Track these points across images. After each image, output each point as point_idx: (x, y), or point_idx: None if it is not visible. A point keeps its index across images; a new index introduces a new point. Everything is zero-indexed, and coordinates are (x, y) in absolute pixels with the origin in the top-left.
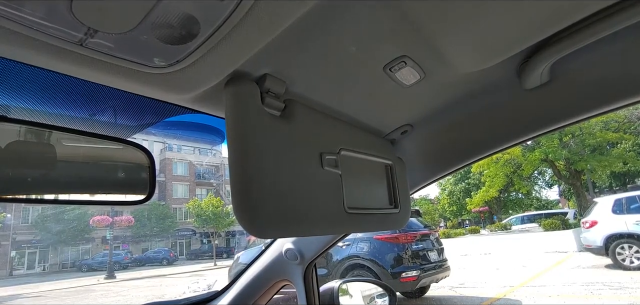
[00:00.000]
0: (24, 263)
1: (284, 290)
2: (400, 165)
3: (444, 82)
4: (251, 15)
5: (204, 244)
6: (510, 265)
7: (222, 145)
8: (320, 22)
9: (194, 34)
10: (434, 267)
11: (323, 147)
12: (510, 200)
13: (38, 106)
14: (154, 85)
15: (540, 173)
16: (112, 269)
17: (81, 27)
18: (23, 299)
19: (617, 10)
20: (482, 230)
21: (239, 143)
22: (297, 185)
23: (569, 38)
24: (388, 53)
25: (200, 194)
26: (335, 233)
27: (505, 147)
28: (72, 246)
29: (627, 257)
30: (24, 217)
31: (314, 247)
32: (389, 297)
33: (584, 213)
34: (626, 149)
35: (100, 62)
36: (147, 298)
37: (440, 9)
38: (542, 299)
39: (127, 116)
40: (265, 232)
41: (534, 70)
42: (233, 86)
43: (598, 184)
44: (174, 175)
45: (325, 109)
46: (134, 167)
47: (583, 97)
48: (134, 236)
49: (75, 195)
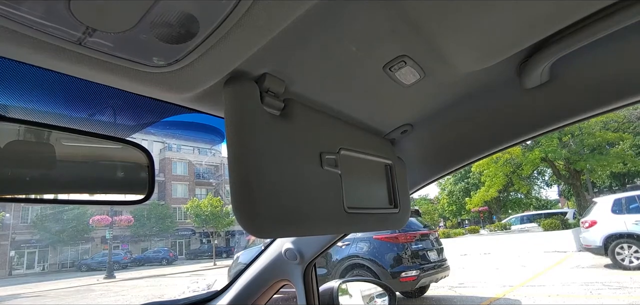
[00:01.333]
0: (23, 263)
1: (284, 290)
2: (400, 165)
3: (444, 82)
4: (250, 14)
5: (204, 243)
6: (509, 265)
7: (222, 144)
8: (320, 22)
9: (193, 33)
10: (434, 267)
11: (323, 147)
12: (509, 200)
13: (37, 106)
14: (153, 84)
15: (540, 173)
16: (112, 269)
17: (80, 26)
18: (22, 299)
19: (617, 10)
20: (481, 230)
21: (239, 142)
22: (296, 184)
23: (569, 38)
24: (388, 52)
25: (200, 194)
26: (335, 233)
27: (505, 147)
28: (72, 246)
29: (627, 257)
30: (23, 217)
31: (314, 247)
32: (389, 297)
33: (584, 213)
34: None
35: (99, 61)
36: (146, 298)
37: (440, 9)
38: (542, 299)
39: (126, 116)
40: (264, 232)
41: (534, 69)
42: (232, 85)
43: (597, 183)
44: (173, 174)
45: (325, 109)
46: (133, 167)
47: (583, 97)
48: (133, 236)
49: (75, 194)
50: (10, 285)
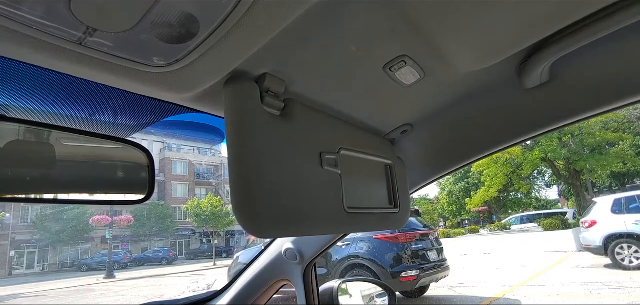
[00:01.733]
0: (23, 263)
1: (284, 290)
2: (400, 165)
3: (444, 82)
4: (251, 14)
5: (204, 243)
6: (509, 265)
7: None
8: (320, 22)
9: (193, 33)
10: (434, 267)
11: (323, 147)
12: (509, 200)
13: (37, 106)
14: (154, 84)
15: (540, 173)
16: (112, 269)
17: (80, 26)
18: (22, 299)
19: (617, 10)
20: (481, 230)
21: (239, 142)
22: (296, 184)
23: (569, 38)
24: (388, 52)
25: (200, 194)
26: (335, 233)
27: (505, 147)
28: (72, 246)
29: (626, 257)
30: (23, 217)
31: (314, 246)
32: (389, 297)
33: (583, 213)
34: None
35: (100, 61)
36: (146, 298)
37: (440, 9)
38: (542, 299)
39: (127, 116)
40: (264, 232)
41: (534, 69)
42: (232, 85)
43: (597, 184)
44: (173, 174)
45: (325, 109)
46: (134, 167)
47: (583, 97)
48: (133, 236)
49: (75, 194)
50: (10, 285)
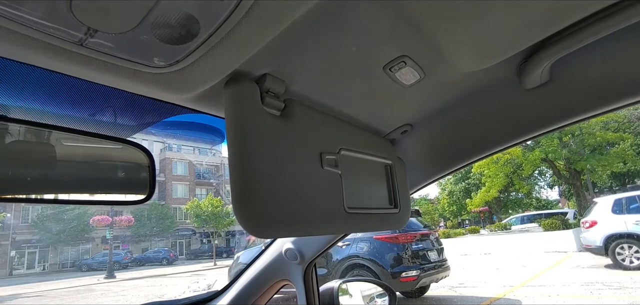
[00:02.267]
0: (24, 263)
1: (284, 290)
2: (400, 165)
3: (444, 82)
4: (251, 15)
5: (204, 243)
6: (510, 265)
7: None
8: (320, 22)
9: (193, 33)
10: (434, 267)
11: (323, 147)
12: (510, 200)
13: (38, 106)
14: (154, 85)
15: (541, 173)
16: (112, 269)
17: (81, 26)
18: (23, 299)
19: (617, 10)
20: (481, 230)
21: (239, 143)
22: (297, 185)
23: (569, 38)
24: (388, 53)
25: (200, 194)
26: (335, 233)
27: (505, 147)
28: (72, 246)
29: (627, 257)
30: (23, 217)
31: (314, 246)
32: (389, 297)
33: (584, 213)
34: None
35: (100, 61)
36: (147, 298)
37: (440, 9)
38: (542, 299)
39: (127, 116)
40: (265, 232)
41: (534, 70)
42: (233, 86)
43: (598, 183)
44: (173, 175)
45: (325, 109)
46: (134, 167)
47: (583, 97)
48: (133, 236)
49: (75, 195)
50: (10, 285)
